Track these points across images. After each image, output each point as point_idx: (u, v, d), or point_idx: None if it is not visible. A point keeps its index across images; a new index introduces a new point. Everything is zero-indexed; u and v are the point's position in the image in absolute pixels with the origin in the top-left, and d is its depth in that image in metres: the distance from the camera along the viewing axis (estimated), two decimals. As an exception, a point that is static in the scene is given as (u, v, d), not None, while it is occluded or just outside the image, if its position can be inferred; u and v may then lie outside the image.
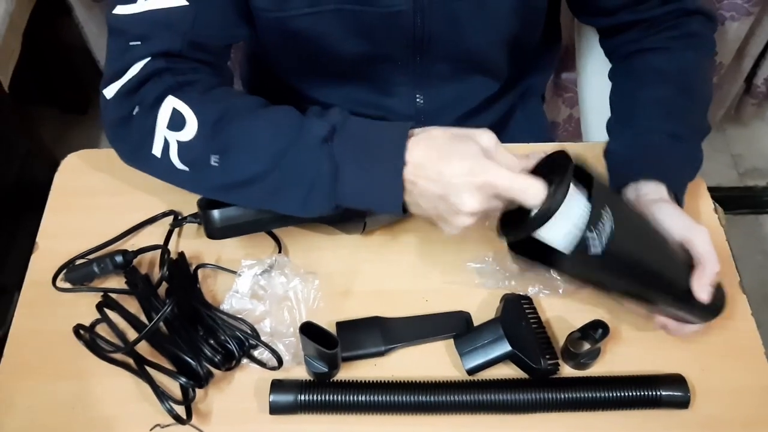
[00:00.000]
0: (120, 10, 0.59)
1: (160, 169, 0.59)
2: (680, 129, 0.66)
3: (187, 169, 0.57)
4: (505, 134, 0.88)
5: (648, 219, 0.58)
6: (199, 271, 0.66)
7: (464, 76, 0.77)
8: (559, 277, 0.65)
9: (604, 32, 0.78)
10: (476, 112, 0.81)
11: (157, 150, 0.57)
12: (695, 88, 0.69)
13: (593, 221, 0.50)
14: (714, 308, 0.60)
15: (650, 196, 0.62)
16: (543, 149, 0.55)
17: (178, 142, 0.56)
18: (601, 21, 0.76)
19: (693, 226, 0.59)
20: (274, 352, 0.60)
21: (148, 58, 0.58)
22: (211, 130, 0.56)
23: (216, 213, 0.62)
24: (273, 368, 0.60)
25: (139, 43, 0.58)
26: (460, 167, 0.52)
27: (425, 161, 0.53)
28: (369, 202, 0.56)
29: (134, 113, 0.58)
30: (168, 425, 0.58)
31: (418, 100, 0.77)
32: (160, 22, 0.58)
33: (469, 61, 0.75)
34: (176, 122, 0.56)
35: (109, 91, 0.59)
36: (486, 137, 0.54)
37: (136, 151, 0.60)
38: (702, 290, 0.57)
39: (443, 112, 0.79)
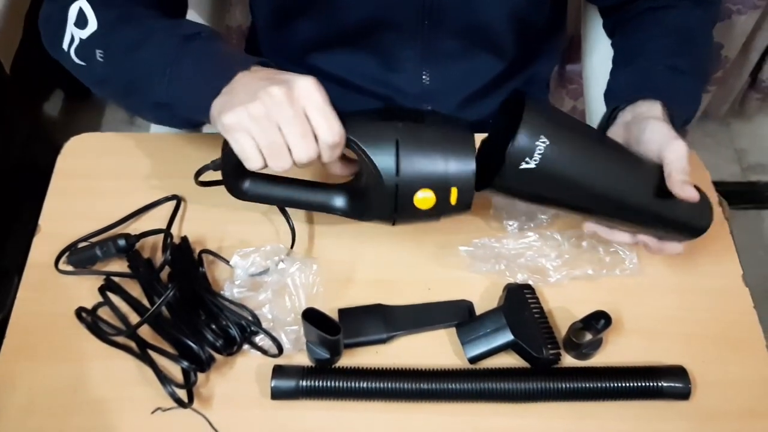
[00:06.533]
0: None
1: (67, 61, 0.65)
2: (679, 64, 0.67)
3: (83, 63, 0.63)
4: None
5: (613, 141, 0.61)
6: (203, 256, 0.66)
7: (471, 53, 0.76)
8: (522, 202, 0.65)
9: (608, 10, 0.78)
10: (481, 94, 0.81)
11: (65, 44, 0.64)
12: (698, 40, 0.70)
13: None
14: (698, 224, 0.60)
15: (644, 114, 0.62)
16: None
17: (80, 39, 0.62)
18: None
19: (671, 138, 0.59)
20: (274, 339, 0.60)
21: None
22: (105, 29, 0.62)
23: (245, 182, 0.62)
24: (273, 356, 0.60)
25: None
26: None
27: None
28: (185, 94, 0.58)
29: (55, 11, 0.64)
30: (169, 408, 0.58)
31: (424, 77, 0.77)
32: None
33: (476, 35, 0.74)
34: (80, 21, 0.62)
35: None
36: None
37: (52, 43, 0.65)
38: (676, 187, 0.56)
39: (449, 93, 0.79)
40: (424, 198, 0.56)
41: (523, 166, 0.53)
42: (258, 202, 0.64)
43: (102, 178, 0.73)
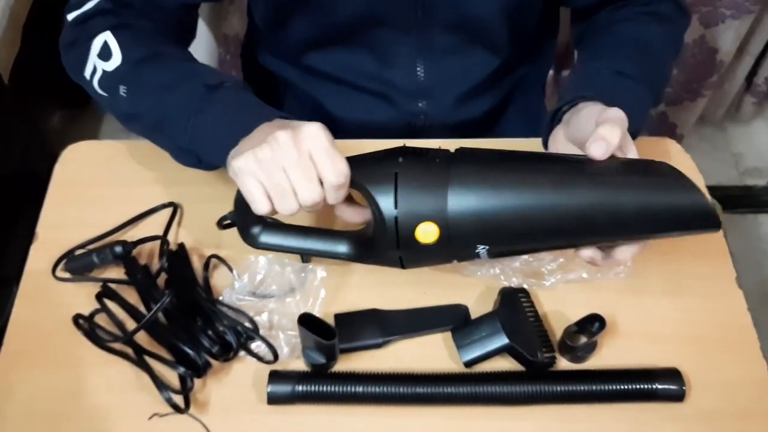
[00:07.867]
0: None
1: (90, 89, 0.67)
2: (626, 69, 0.67)
3: (105, 94, 0.66)
4: (503, 121, 0.89)
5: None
6: (210, 261, 0.66)
7: (465, 48, 0.77)
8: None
9: (578, 14, 0.80)
10: (476, 91, 0.81)
11: (87, 73, 0.66)
12: (650, 51, 0.71)
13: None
14: (693, 207, 0.54)
15: (585, 108, 0.61)
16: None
17: (103, 71, 0.64)
18: (579, 1, 0.78)
19: (605, 108, 0.58)
20: (270, 345, 0.60)
21: None
22: (129, 66, 0.64)
23: (256, 229, 0.63)
24: (269, 362, 0.61)
25: None
26: None
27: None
28: (207, 142, 0.60)
29: (79, 39, 0.67)
30: (166, 414, 0.58)
31: (419, 73, 0.77)
32: None
33: (469, 29, 0.75)
34: (104, 54, 0.64)
35: (70, 17, 0.68)
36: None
37: (74, 70, 0.68)
38: (593, 146, 0.54)
39: (444, 89, 0.79)
40: (426, 231, 0.55)
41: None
42: (271, 251, 0.64)
43: (99, 185, 0.73)
